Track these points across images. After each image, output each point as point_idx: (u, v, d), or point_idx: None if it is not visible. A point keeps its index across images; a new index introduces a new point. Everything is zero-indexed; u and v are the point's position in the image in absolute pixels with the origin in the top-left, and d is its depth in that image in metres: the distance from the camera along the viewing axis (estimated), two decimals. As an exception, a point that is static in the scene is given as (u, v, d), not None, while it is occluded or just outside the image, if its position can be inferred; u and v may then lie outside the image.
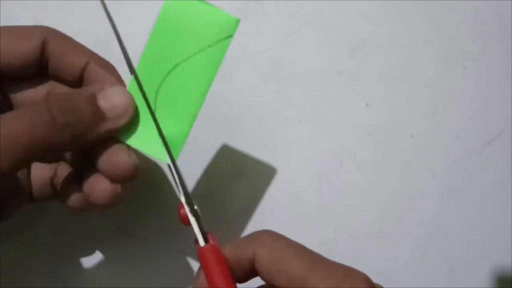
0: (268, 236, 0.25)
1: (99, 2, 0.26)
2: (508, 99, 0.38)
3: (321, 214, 0.36)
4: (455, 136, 0.37)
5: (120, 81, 0.28)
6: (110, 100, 0.25)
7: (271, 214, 0.35)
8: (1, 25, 0.35)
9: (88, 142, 0.25)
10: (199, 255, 0.24)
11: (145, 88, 0.26)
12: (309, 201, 0.36)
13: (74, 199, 0.28)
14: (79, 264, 0.34)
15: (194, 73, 0.26)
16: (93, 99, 0.25)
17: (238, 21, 0.26)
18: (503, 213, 0.37)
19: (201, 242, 0.25)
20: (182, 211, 0.26)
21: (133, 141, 0.26)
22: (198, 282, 0.25)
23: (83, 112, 0.24)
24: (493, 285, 0.36)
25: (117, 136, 0.26)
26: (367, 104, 0.37)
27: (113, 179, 0.26)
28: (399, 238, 0.36)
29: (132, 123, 0.26)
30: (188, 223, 0.26)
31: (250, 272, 0.24)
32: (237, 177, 0.35)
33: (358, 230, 0.36)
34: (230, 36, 0.26)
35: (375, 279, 0.24)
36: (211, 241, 0.25)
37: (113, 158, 0.26)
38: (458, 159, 0.37)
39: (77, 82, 0.27)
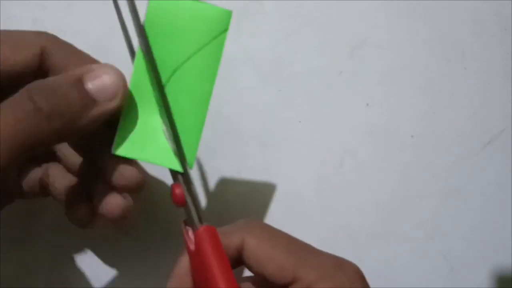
0: (256, 225, 0.25)
1: (99, 2, 0.26)
2: (508, 99, 0.38)
3: (321, 214, 0.35)
4: (455, 136, 0.37)
5: None
6: (99, 81, 0.23)
7: (271, 214, 0.35)
8: (1, 24, 0.35)
9: (80, 129, 0.23)
10: (196, 236, 0.23)
11: (145, 99, 0.25)
12: (309, 201, 0.36)
13: (82, 212, 0.27)
14: (79, 264, 0.34)
15: (195, 75, 0.25)
16: (80, 83, 0.23)
17: (230, 13, 0.25)
18: (503, 213, 0.37)
19: (198, 224, 0.24)
20: (177, 191, 0.24)
21: (141, 154, 0.25)
22: (179, 266, 0.24)
23: (70, 99, 0.23)
24: (493, 285, 0.36)
25: (122, 153, 0.25)
26: (367, 104, 0.37)
27: (123, 191, 0.26)
28: (399, 238, 0.36)
29: (137, 136, 0.25)
30: (183, 203, 0.24)
31: (236, 261, 0.24)
32: (237, 177, 0.35)
33: (358, 230, 0.36)
34: (225, 30, 0.25)
35: (375, 279, 0.24)
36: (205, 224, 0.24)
37: (123, 173, 0.25)
38: (458, 159, 0.37)
39: None
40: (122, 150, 0.25)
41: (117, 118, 0.25)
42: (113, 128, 0.25)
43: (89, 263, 0.34)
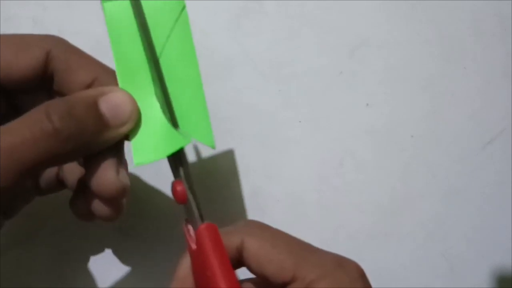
0: (256, 225, 0.25)
1: (99, 2, 0.26)
2: (508, 99, 0.38)
3: (321, 214, 0.35)
4: (455, 136, 0.37)
5: None
6: (113, 106, 0.24)
7: (271, 214, 0.35)
8: (1, 24, 0.35)
9: (90, 151, 0.24)
10: (197, 234, 0.23)
11: (138, 96, 0.24)
12: (309, 201, 0.36)
13: (81, 203, 0.26)
14: (79, 264, 0.34)
15: (175, 61, 0.25)
16: (95, 106, 0.23)
17: None
18: (503, 213, 0.37)
19: (199, 221, 0.24)
20: (178, 188, 0.24)
21: (157, 154, 0.24)
22: (181, 267, 0.24)
23: (86, 123, 0.23)
24: (493, 285, 0.36)
25: (142, 161, 0.24)
26: (367, 104, 0.37)
27: (101, 198, 0.25)
28: (399, 238, 0.36)
29: (147, 138, 0.24)
30: (184, 201, 0.24)
31: (236, 262, 0.24)
32: (237, 177, 0.35)
33: (358, 230, 0.36)
34: (183, 7, 0.25)
35: (375, 279, 0.24)
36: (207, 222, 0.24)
37: (100, 177, 0.24)
38: (458, 159, 0.37)
39: None
40: (141, 159, 0.24)
41: None
42: None
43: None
